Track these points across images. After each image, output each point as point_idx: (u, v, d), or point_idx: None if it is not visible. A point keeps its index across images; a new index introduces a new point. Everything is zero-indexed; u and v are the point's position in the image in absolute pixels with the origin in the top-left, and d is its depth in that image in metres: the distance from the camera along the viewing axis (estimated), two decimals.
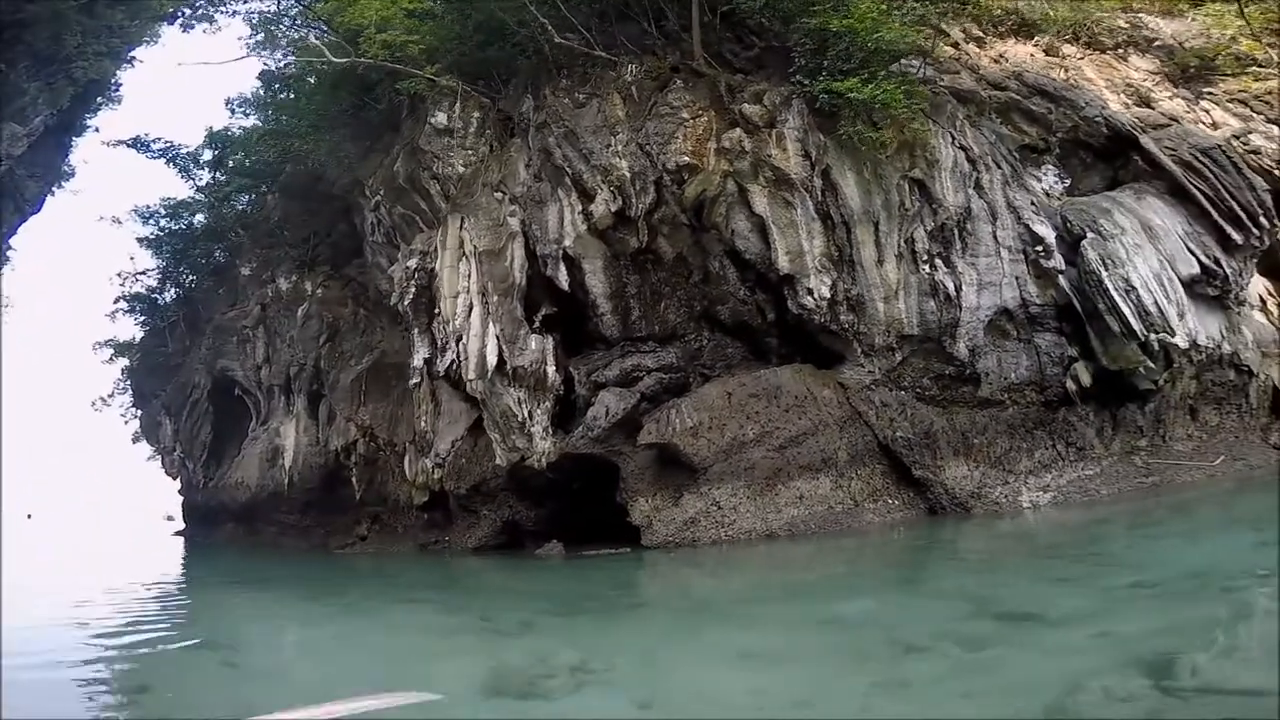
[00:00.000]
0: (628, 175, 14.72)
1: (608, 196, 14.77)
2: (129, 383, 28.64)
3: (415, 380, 16.29)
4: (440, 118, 17.05)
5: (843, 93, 13.53)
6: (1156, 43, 18.12)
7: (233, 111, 26.93)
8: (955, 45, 17.63)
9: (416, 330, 16.54)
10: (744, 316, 15.03)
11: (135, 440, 30.58)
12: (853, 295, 14.17)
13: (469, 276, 15.18)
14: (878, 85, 13.42)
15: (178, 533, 29.58)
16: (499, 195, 15.82)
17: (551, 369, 14.63)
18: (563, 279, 15.02)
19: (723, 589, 10.63)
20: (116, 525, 43.84)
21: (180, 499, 27.59)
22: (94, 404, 30.65)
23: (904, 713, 4.61)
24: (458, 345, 15.74)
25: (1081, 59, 17.49)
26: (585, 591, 10.60)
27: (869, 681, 5.10)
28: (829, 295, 14.08)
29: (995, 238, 14.46)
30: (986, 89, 16.20)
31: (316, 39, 17.97)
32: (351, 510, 19.07)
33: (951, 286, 14.15)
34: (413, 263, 16.47)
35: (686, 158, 14.50)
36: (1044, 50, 17.75)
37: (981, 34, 18.14)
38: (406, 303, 16.42)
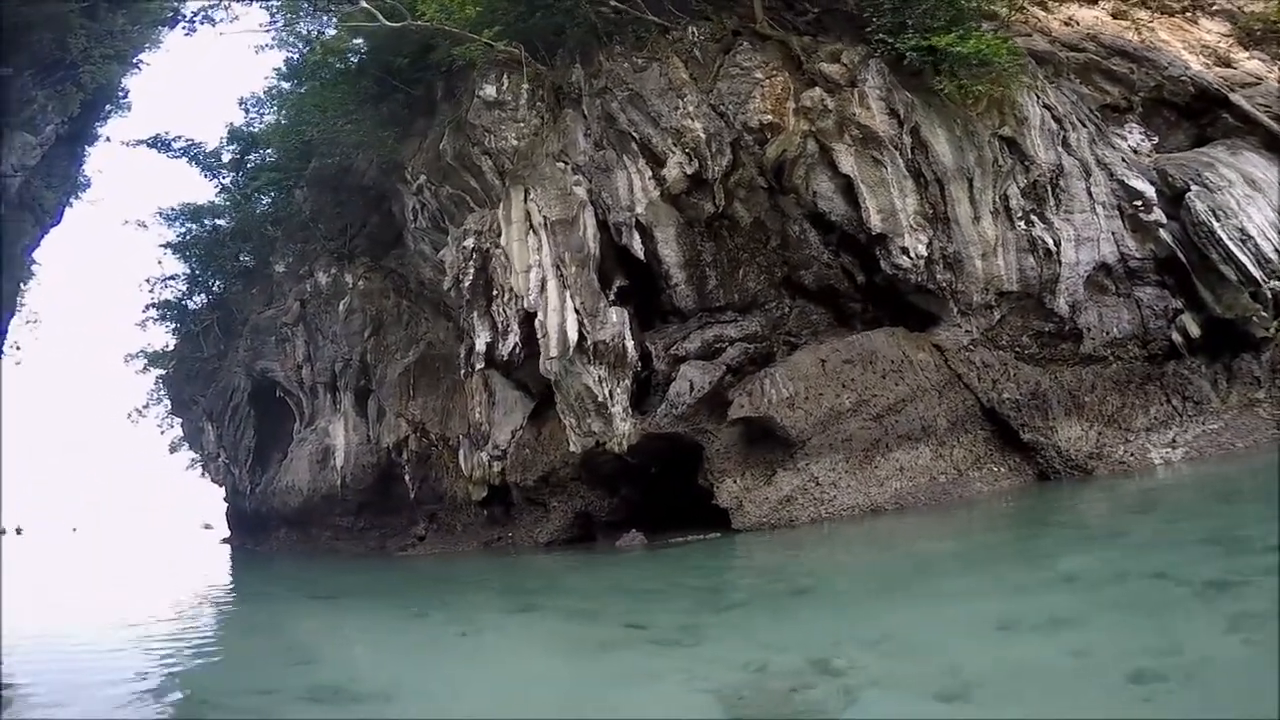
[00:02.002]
0: (703, 136, 13.99)
1: (682, 159, 14.02)
2: (165, 392, 27.72)
3: (480, 366, 15.34)
4: (489, 90, 16.25)
5: (940, 48, 12.97)
6: (1214, 6, 17.86)
7: (247, 110, 26.20)
8: (1021, 9, 17.30)
9: (475, 314, 15.61)
10: (830, 280, 14.26)
11: (173, 450, 29.82)
12: (949, 253, 13.47)
13: (539, 249, 14.32)
14: (979, 40, 12.86)
15: (224, 540, 28.37)
16: (561, 165, 15.04)
17: (630, 343, 13.78)
18: (638, 247, 14.23)
19: (882, 564, 9.36)
20: (159, 536, 42.12)
21: (225, 506, 26.54)
22: (130, 415, 29.80)
23: None
24: (521, 327, 14.90)
25: (1152, 21, 17.23)
26: (718, 583, 9.36)
27: (1212, 622, 4.13)
28: (925, 254, 13.36)
29: (1089, 194, 13.96)
30: (1062, 50, 16.03)
31: (366, 2, 17.23)
32: (407, 510, 18.08)
33: (1051, 242, 13.54)
34: (469, 242, 15.59)
35: (769, 116, 13.79)
36: (1111, 14, 17.46)
37: None
38: (465, 285, 15.50)
